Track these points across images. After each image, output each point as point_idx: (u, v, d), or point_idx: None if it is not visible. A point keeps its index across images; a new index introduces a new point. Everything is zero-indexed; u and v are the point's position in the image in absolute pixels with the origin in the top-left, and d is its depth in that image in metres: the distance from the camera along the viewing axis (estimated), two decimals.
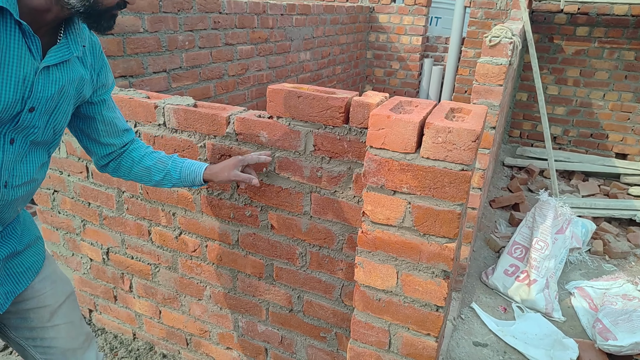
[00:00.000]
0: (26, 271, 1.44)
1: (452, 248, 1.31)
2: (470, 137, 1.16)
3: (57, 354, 1.52)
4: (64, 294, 1.54)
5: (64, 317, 1.53)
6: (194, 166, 1.63)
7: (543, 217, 3.12)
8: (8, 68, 1.12)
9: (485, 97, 2.46)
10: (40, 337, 1.49)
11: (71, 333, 1.54)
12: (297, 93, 1.56)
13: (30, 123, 1.23)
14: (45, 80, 1.21)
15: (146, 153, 1.61)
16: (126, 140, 1.58)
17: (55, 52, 1.21)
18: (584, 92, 5.50)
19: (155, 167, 1.61)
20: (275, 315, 2.00)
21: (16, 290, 1.42)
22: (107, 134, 1.52)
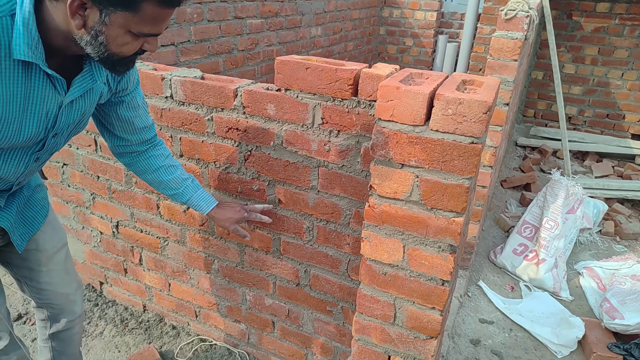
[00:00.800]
0: (36, 215, 1.58)
1: (459, 222, 1.29)
2: (481, 108, 1.13)
3: (49, 295, 1.69)
4: (61, 242, 1.69)
5: (59, 263, 1.68)
6: (202, 201, 1.71)
7: (554, 197, 3.08)
8: (32, 106, 1.18)
9: (500, 72, 2.42)
10: (36, 279, 1.64)
11: (64, 280, 1.70)
12: (305, 64, 1.54)
13: (54, 145, 1.36)
14: (68, 111, 1.30)
15: (163, 165, 1.66)
16: (143, 139, 1.62)
17: (80, 83, 1.26)
18: (601, 71, 5.38)
19: (168, 184, 1.68)
20: (282, 289, 2.01)
21: (30, 232, 1.56)
22: (122, 129, 1.57)
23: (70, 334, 1.84)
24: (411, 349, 1.57)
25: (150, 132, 1.64)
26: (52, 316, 1.77)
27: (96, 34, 1.07)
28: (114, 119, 1.52)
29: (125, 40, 1.10)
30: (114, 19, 1.05)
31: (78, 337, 1.89)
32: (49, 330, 1.80)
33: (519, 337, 2.62)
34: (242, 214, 1.75)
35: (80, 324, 1.87)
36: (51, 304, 1.72)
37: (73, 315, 1.79)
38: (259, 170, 1.82)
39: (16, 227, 1.50)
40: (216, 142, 1.85)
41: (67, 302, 1.75)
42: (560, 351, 2.50)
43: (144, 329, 2.41)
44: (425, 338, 1.53)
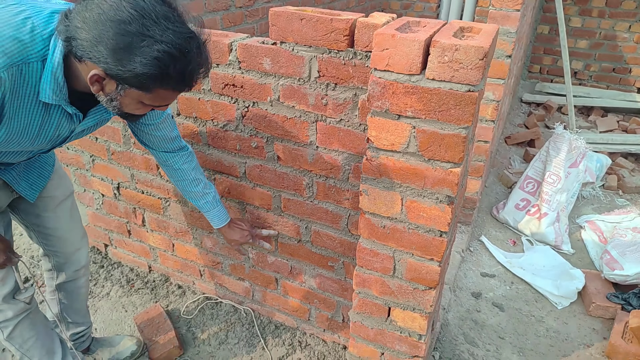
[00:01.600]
0: (44, 165, 1.64)
1: (456, 173, 1.29)
2: (477, 54, 1.11)
3: (55, 241, 1.76)
4: (69, 189, 1.78)
5: (67, 210, 1.76)
6: (216, 217, 1.85)
7: (557, 151, 3.07)
8: (45, 132, 1.29)
9: (502, 23, 2.36)
10: (43, 224, 1.72)
11: (70, 226, 1.78)
12: (300, 15, 1.50)
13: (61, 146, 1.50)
14: (78, 134, 1.43)
15: (187, 179, 1.76)
16: (166, 150, 1.70)
17: (94, 115, 1.38)
18: (608, 24, 5.24)
19: (189, 195, 1.81)
20: (284, 246, 2.03)
21: (41, 183, 1.63)
22: (148, 140, 1.67)
23: (76, 285, 1.89)
24: (410, 300, 1.59)
25: (180, 143, 1.73)
26: (57, 265, 1.82)
27: (111, 99, 1.17)
28: (144, 135, 1.65)
29: (137, 107, 1.22)
30: (129, 93, 1.15)
31: (84, 291, 1.94)
32: (55, 281, 1.85)
33: (519, 290, 2.65)
34: (247, 239, 1.91)
35: (86, 277, 1.92)
36: (57, 251, 1.78)
37: (78, 264, 1.84)
38: (257, 127, 1.80)
39: (22, 178, 1.56)
40: (213, 100, 1.84)
41: (72, 250, 1.81)
42: (560, 302, 2.54)
43: (150, 288, 2.45)
44: (424, 289, 1.54)
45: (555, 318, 2.45)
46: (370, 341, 1.79)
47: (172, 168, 1.74)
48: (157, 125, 1.62)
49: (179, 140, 1.73)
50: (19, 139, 1.25)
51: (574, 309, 2.52)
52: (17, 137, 1.23)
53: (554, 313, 2.49)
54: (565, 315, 2.47)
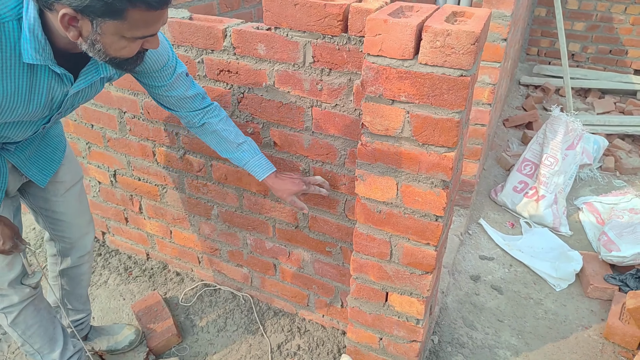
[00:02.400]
0: (55, 150, 1.64)
1: (450, 157, 1.29)
2: (469, 39, 1.10)
3: (63, 226, 1.76)
4: (79, 175, 1.77)
5: (75, 195, 1.76)
6: (258, 167, 1.69)
7: (554, 133, 3.06)
8: (37, 96, 1.24)
9: (497, 6, 2.34)
10: (52, 209, 1.71)
11: (78, 211, 1.78)
12: (293, 1, 1.49)
13: (59, 116, 1.43)
14: (73, 98, 1.36)
15: (216, 130, 1.66)
16: (195, 107, 1.63)
17: (85, 76, 1.31)
18: (605, 6, 5.22)
19: (223, 148, 1.69)
20: (282, 232, 2.03)
21: (52, 167, 1.63)
22: (167, 102, 1.61)
23: (80, 272, 1.90)
24: (407, 284, 1.60)
25: (202, 102, 1.65)
26: (63, 251, 1.82)
27: (92, 42, 1.11)
28: (160, 97, 1.59)
29: (121, 44, 1.14)
30: (106, 28, 1.08)
31: (86, 277, 1.95)
32: (59, 267, 1.86)
33: (518, 272, 2.66)
34: (300, 186, 1.71)
35: (89, 263, 1.93)
36: (64, 236, 1.78)
37: (84, 249, 1.85)
38: (253, 113, 1.80)
39: (33, 162, 1.56)
40: (208, 86, 1.83)
41: (79, 236, 1.81)
42: (558, 284, 2.55)
43: (148, 276, 2.46)
44: (420, 273, 1.55)
45: (553, 300, 2.47)
46: (369, 326, 1.80)
47: (196, 127, 1.67)
48: (171, 85, 1.55)
49: (201, 99, 1.64)
50: (11, 106, 1.21)
51: (572, 290, 2.54)
52: (8, 104, 1.19)
53: (552, 295, 2.50)
54: (563, 297, 2.49)
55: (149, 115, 2.03)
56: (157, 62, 1.47)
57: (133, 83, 1.98)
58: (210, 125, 1.66)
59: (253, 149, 1.70)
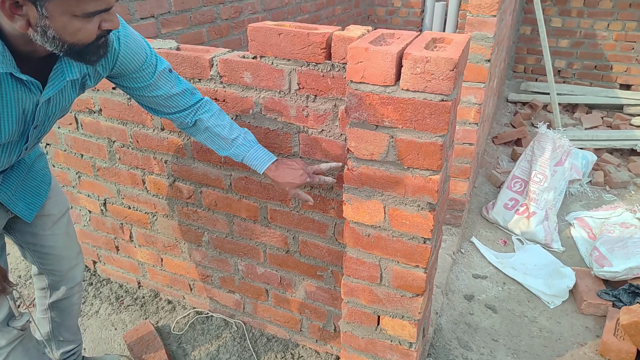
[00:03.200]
0: (40, 184, 1.60)
1: (436, 180, 1.30)
2: (448, 66, 1.12)
3: (52, 260, 1.72)
4: (65, 206, 1.73)
5: (63, 227, 1.71)
6: (256, 160, 1.57)
7: (541, 150, 3.09)
8: (6, 109, 1.16)
9: (479, 29, 2.39)
10: (40, 243, 1.67)
11: (67, 243, 1.74)
12: (277, 30, 1.52)
13: (38, 133, 1.35)
14: (46, 107, 1.28)
15: (209, 127, 1.56)
16: (177, 110, 1.54)
17: (53, 82, 1.23)
18: (587, 23, 5.33)
19: (218, 145, 1.59)
20: (273, 257, 2.03)
21: (38, 202, 1.59)
22: (156, 105, 1.52)
23: (70, 303, 1.87)
24: (399, 307, 1.60)
25: (191, 97, 1.55)
26: (52, 284, 1.79)
27: (43, 29, 1.02)
28: (146, 100, 1.51)
29: (75, 26, 1.04)
30: (52, 8, 1.00)
31: (77, 307, 1.92)
32: (48, 300, 1.83)
33: (512, 290, 2.66)
34: (304, 178, 1.55)
35: (79, 294, 1.90)
36: (53, 269, 1.75)
37: (73, 281, 1.82)
38: None
39: (19, 198, 1.53)
40: None
41: (68, 267, 1.78)
42: (552, 301, 2.55)
43: (140, 305, 2.44)
44: (411, 296, 1.55)
45: (548, 318, 2.47)
46: (362, 351, 1.79)
47: (189, 127, 1.58)
48: (155, 84, 1.45)
49: (190, 95, 1.54)
50: None
51: (566, 307, 2.53)
52: None
53: (546, 313, 2.50)
54: (557, 315, 2.49)
55: (138, 144, 2.04)
56: (134, 60, 1.39)
57: (122, 112, 2.00)
58: (202, 122, 1.55)
59: (249, 141, 1.58)
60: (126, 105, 1.97)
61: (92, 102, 2.05)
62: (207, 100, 1.59)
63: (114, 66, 1.37)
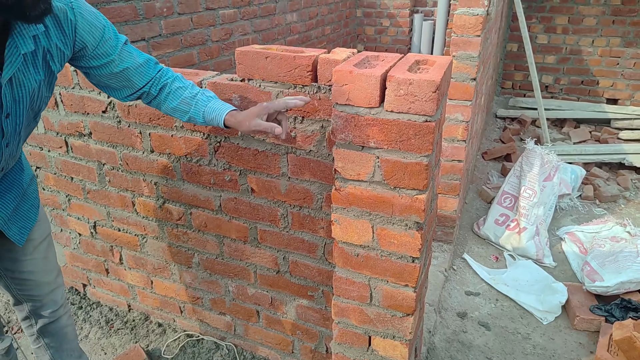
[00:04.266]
0: (31, 207, 1.60)
1: (422, 199, 1.31)
2: (430, 87, 1.14)
3: (30, 285, 1.68)
4: (46, 230, 1.70)
5: (43, 252, 1.68)
6: (215, 112, 1.49)
7: (530, 166, 3.12)
8: None
9: (464, 48, 2.42)
10: (19, 269, 1.63)
11: (46, 267, 1.70)
12: (264, 54, 1.54)
13: (14, 126, 1.30)
14: (11, 90, 1.23)
15: (171, 91, 1.51)
16: (144, 82, 1.50)
17: (9, 59, 1.17)
18: (573, 40, 5.44)
19: (180, 108, 1.53)
20: (263, 278, 2.02)
21: (29, 225, 1.58)
22: (120, 87, 1.48)
23: (59, 326, 1.82)
24: (390, 327, 1.59)
25: (155, 66, 1.52)
26: (33, 310, 1.76)
27: None
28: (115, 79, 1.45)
29: None
30: None
31: (70, 329, 1.88)
32: (35, 327, 1.79)
33: (505, 307, 2.66)
34: (261, 105, 1.45)
35: (67, 315, 1.86)
36: (32, 295, 1.71)
37: (55, 304, 1.78)
38: (230, 161, 1.82)
39: (13, 222, 1.51)
40: (185, 136, 1.85)
41: (47, 292, 1.73)
42: (545, 317, 2.55)
43: (130, 328, 2.42)
44: (402, 316, 1.55)
45: (541, 334, 2.46)
46: None
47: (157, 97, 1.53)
48: (119, 56, 1.41)
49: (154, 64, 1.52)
50: None
51: (559, 323, 2.53)
52: None
53: (539, 329, 2.50)
54: (551, 331, 2.49)
55: (128, 167, 2.04)
56: (93, 32, 1.34)
57: (111, 135, 2.00)
58: (166, 87, 1.52)
59: (206, 97, 1.53)
60: (116, 129, 1.98)
61: (82, 125, 2.06)
62: (168, 67, 1.57)
63: (75, 40, 1.32)
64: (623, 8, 5.12)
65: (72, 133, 2.10)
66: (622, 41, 5.23)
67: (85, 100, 1.99)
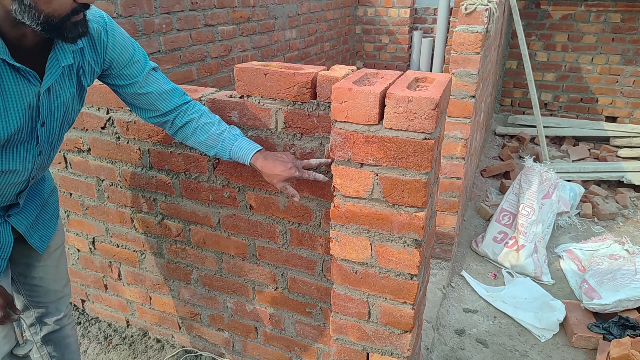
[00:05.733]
0: (52, 217, 1.65)
1: (421, 217, 1.31)
2: (429, 105, 1.15)
3: (40, 292, 1.72)
4: (62, 240, 1.75)
5: (55, 260, 1.72)
6: (242, 150, 1.55)
7: (529, 183, 3.13)
8: (10, 102, 1.20)
9: (464, 66, 2.45)
10: (31, 275, 1.67)
11: (56, 275, 1.73)
12: (264, 71, 1.55)
13: (48, 135, 1.37)
14: (48, 99, 1.31)
15: (198, 126, 1.57)
16: (168, 108, 1.56)
17: (50, 70, 1.27)
18: (572, 57, 5.48)
19: (207, 143, 1.59)
20: (262, 294, 2.02)
21: (49, 234, 1.63)
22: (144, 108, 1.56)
23: (63, 335, 1.85)
24: (388, 344, 1.59)
25: (181, 97, 1.58)
26: (39, 317, 1.78)
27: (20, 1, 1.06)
28: (138, 100, 1.53)
29: None
30: None
31: (73, 340, 1.90)
32: (40, 335, 1.81)
33: (503, 324, 2.65)
34: (292, 172, 1.51)
35: (71, 326, 1.88)
36: (40, 302, 1.74)
37: (58, 313, 1.80)
38: (228, 178, 1.83)
39: (34, 230, 1.56)
40: (184, 152, 1.86)
41: (54, 300, 1.77)
42: (543, 335, 2.54)
43: (128, 344, 2.40)
44: (400, 332, 1.55)
45: (539, 352, 2.45)
46: None
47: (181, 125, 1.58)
48: (145, 80, 1.50)
49: (180, 94, 1.58)
50: None
51: (557, 340, 2.52)
52: None
53: (537, 346, 2.48)
54: (548, 348, 2.47)
55: (127, 183, 2.05)
56: (123, 53, 1.44)
57: (110, 151, 2.01)
58: (193, 122, 1.57)
59: (233, 135, 1.58)
60: (115, 145, 1.99)
61: (81, 141, 2.07)
62: (196, 102, 1.63)
63: (105, 59, 1.42)
64: (623, 26, 5.16)
65: (71, 149, 2.11)
66: (622, 59, 5.27)
67: (84, 116, 2.00)
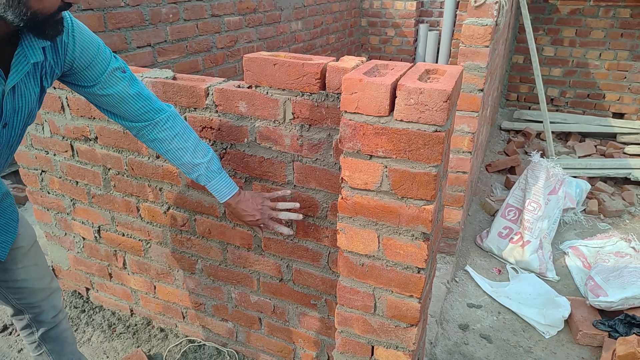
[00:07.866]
0: (9, 221, 1.57)
1: (430, 210, 1.30)
2: (441, 97, 1.14)
3: (27, 294, 1.69)
4: (32, 237, 1.70)
5: (32, 259, 1.68)
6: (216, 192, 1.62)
7: (535, 179, 3.11)
8: None
9: (472, 59, 2.43)
10: (12, 279, 1.64)
11: (38, 274, 1.70)
12: (272, 61, 1.54)
13: (8, 137, 1.34)
14: (12, 99, 1.27)
15: (170, 150, 1.56)
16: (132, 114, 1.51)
17: (16, 67, 1.22)
18: (580, 52, 5.43)
19: (182, 168, 1.62)
20: (266, 285, 2.02)
21: (9, 239, 1.56)
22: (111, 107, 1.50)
23: (60, 330, 1.84)
24: (393, 338, 1.58)
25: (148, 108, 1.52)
26: (34, 318, 1.76)
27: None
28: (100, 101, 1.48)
29: None
30: None
31: (69, 333, 1.89)
32: (37, 334, 1.80)
33: (507, 320, 2.64)
34: (258, 223, 1.67)
35: (66, 320, 1.87)
36: (30, 303, 1.72)
37: (55, 310, 1.79)
38: (235, 168, 1.82)
39: None
40: None
41: (44, 298, 1.74)
42: (547, 331, 2.53)
43: (132, 333, 2.41)
44: (405, 326, 1.54)
45: (543, 348, 2.45)
46: None
47: (148, 139, 1.55)
48: (106, 81, 1.43)
49: (150, 101, 1.52)
50: None
51: (562, 337, 2.52)
52: None
53: (541, 343, 2.48)
54: (553, 345, 2.47)
55: (133, 172, 2.05)
56: (83, 56, 1.38)
57: (117, 140, 2.01)
58: (161, 143, 1.55)
59: (211, 172, 1.60)
60: (122, 134, 1.98)
61: (88, 130, 2.06)
62: (171, 115, 1.56)
63: (65, 60, 1.36)
64: (632, 21, 5.11)
65: (78, 137, 2.11)
66: (630, 55, 5.23)
67: (91, 105, 1.99)
